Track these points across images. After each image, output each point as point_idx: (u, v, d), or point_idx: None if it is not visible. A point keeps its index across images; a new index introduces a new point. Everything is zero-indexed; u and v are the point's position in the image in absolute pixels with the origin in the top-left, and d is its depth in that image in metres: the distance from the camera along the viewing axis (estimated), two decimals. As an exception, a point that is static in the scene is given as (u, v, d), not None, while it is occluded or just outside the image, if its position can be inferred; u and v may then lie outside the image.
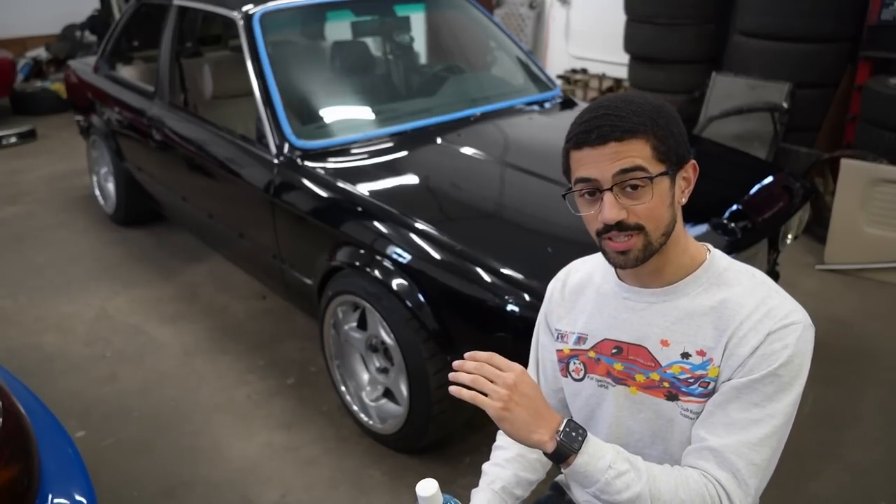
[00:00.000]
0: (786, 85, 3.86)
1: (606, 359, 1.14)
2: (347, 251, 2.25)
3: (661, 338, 1.08)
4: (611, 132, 0.99)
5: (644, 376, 1.09)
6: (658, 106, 1.03)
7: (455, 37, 3.70)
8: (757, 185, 2.47)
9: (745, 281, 1.07)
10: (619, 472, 0.97)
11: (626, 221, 1.01)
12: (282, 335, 3.05)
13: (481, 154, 2.57)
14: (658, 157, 1.00)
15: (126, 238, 4.05)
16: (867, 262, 3.37)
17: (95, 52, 4.92)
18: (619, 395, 1.12)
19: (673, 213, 1.04)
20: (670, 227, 1.04)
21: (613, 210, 1.00)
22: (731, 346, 1.02)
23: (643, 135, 0.99)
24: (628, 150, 0.99)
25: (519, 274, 1.89)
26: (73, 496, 1.48)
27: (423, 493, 0.96)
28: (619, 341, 1.12)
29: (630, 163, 0.99)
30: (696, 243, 1.11)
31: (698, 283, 1.07)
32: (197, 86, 3.54)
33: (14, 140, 5.83)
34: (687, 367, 1.05)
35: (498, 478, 1.26)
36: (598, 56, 5.75)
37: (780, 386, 0.99)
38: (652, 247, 1.03)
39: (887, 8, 3.59)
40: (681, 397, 1.05)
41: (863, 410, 2.49)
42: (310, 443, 2.42)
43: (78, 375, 2.81)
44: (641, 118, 0.99)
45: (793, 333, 1.00)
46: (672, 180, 1.03)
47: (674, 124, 1.03)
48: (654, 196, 1.00)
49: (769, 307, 1.02)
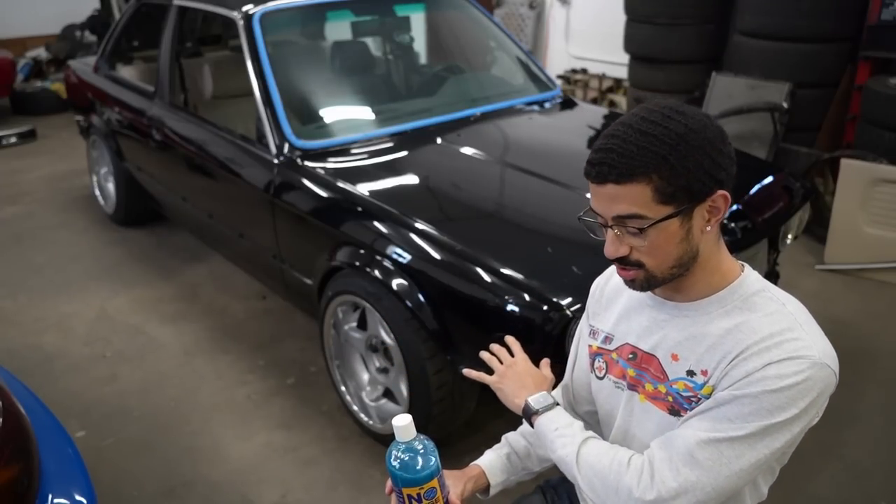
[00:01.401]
0: (786, 85, 3.86)
1: (623, 363, 1.14)
2: (347, 251, 2.25)
3: (672, 351, 1.06)
4: (608, 173, 0.95)
5: (653, 386, 1.09)
6: (679, 136, 0.93)
7: (455, 37, 3.70)
8: (757, 185, 2.47)
9: (770, 308, 1.01)
10: (562, 434, 1.11)
11: (627, 258, 1.00)
12: (282, 335, 3.05)
13: (481, 154, 2.56)
14: (662, 200, 0.94)
15: (126, 238, 4.05)
16: (867, 262, 3.37)
17: (95, 52, 4.92)
18: (631, 401, 1.13)
19: (688, 246, 0.99)
20: (685, 260, 1.00)
21: (612, 247, 1.00)
22: (728, 368, 0.98)
23: (643, 178, 0.93)
24: (626, 195, 0.94)
25: (519, 274, 1.88)
26: (73, 496, 1.48)
27: (399, 422, 1.04)
28: (636, 347, 1.12)
29: (626, 210, 0.95)
30: (730, 261, 1.06)
31: (722, 304, 1.03)
32: (197, 86, 3.55)
33: (14, 140, 5.83)
34: (690, 385, 1.03)
35: (508, 444, 1.35)
36: (598, 56, 5.75)
37: (758, 411, 0.93)
38: (657, 280, 1.02)
39: (887, 8, 3.59)
40: (682, 414, 1.04)
41: (863, 410, 2.49)
42: (309, 443, 2.42)
43: (78, 375, 2.81)
44: (646, 158, 0.93)
45: (794, 366, 0.93)
46: (685, 217, 0.96)
47: (693, 157, 0.93)
48: (657, 238, 0.97)
49: (783, 338, 0.95)
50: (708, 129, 0.95)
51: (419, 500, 1.05)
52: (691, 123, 0.94)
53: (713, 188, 0.96)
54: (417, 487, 1.04)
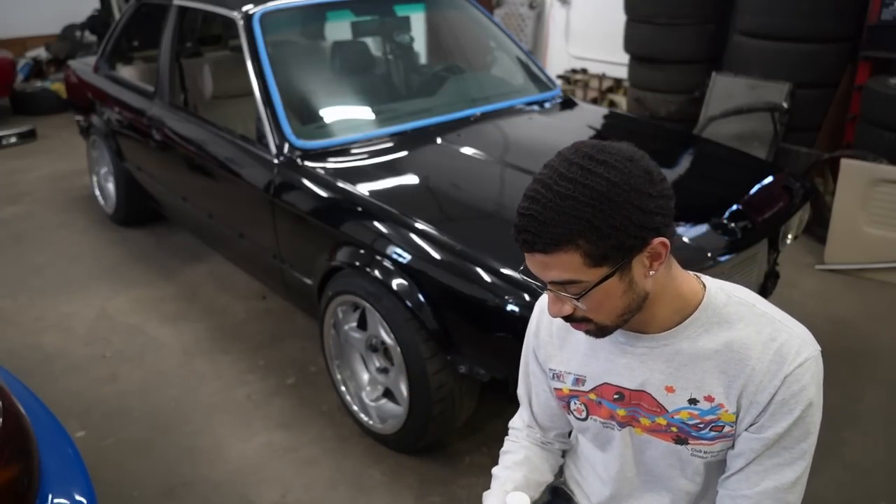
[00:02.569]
0: (786, 85, 3.85)
1: (609, 404, 1.10)
2: (347, 251, 2.25)
3: (665, 384, 1.04)
4: (534, 242, 0.90)
5: (650, 420, 1.07)
6: (601, 194, 0.87)
7: (455, 37, 3.70)
8: (757, 185, 2.47)
9: (747, 316, 1.01)
10: None
11: (573, 315, 0.98)
12: (282, 335, 3.05)
13: (481, 154, 2.56)
14: (594, 263, 0.90)
15: (126, 238, 4.05)
16: (867, 262, 3.37)
17: (95, 52, 4.92)
18: (626, 435, 1.12)
19: (634, 295, 0.95)
20: (633, 307, 0.97)
21: (554, 308, 0.97)
22: (748, 394, 0.99)
23: (569, 245, 0.88)
24: (555, 263, 0.91)
25: (519, 274, 1.88)
26: (73, 496, 1.48)
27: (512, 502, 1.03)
28: (621, 387, 1.08)
29: (558, 276, 0.92)
30: (689, 281, 1.03)
31: (698, 325, 1.01)
32: (197, 86, 3.54)
33: (14, 140, 5.83)
34: (696, 413, 1.03)
35: (509, 480, 1.25)
36: (598, 56, 5.74)
37: (807, 427, 1.00)
38: (609, 328, 1.00)
39: (887, 8, 3.58)
40: (691, 441, 1.04)
41: (863, 410, 2.49)
42: (309, 443, 2.42)
43: (78, 375, 2.81)
44: (569, 225, 0.87)
45: (808, 372, 0.98)
46: (623, 272, 0.92)
47: (619, 214, 0.87)
48: (597, 298, 0.94)
49: (778, 345, 0.98)
50: (632, 176, 0.88)
51: None
52: (613, 176, 0.87)
53: (648, 238, 0.91)
54: None
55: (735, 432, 1.03)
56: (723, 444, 1.04)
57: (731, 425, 1.02)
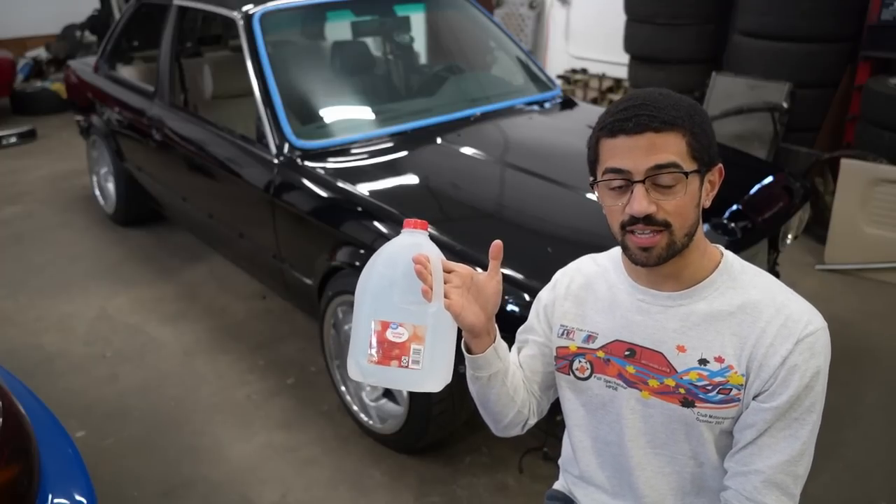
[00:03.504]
0: (786, 85, 3.85)
1: (618, 360, 1.11)
2: (347, 251, 2.25)
3: (677, 343, 1.06)
4: (649, 122, 0.96)
5: (658, 381, 1.07)
6: (693, 104, 1.02)
7: (455, 37, 3.70)
8: (757, 185, 2.47)
9: (760, 284, 1.06)
10: None
11: (654, 216, 0.98)
12: (282, 335, 3.05)
13: (481, 154, 2.56)
14: (692, 155, 0.99)
15: (126, 238, 4.05)
16: (867, 262, 3.37)
17: (95, 52, 4.92)
18: (630, 398, 1.11)
19: (697, 213, 1.03)
20: (694, 228, 1.02)
21: (643, 203, 0.97)
22: (758, 357, 1.01)
23: (681, 129, 0.97)
24: (665, 144, 0.97)
25: (519, 274, 1.88)
26: (73, 496, 1.48)
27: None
28: (633, 344, 1.10)
29: (666, 158, 0.97)
30: (710, 245, 1.10)
31: (715, 287, 1.06)
32: (197, 86, 3.55)
33: (14, 140, 5.83)
34: (705, 374, 1.04)
35: None
36: (598, 56, 5.74)
37: (815, 397, 1.01)
38: (675, 246, 1.01)
39: (887, 8, 3.59)
40: (697, 404, 1.04)
41: (863, 410, 2.49)
42: (310, 443, 2.42)
43: (78, 375, 2.81)
44: (680, 112, 0.98)
45: (818, 341, 1.01)
46: (702, 180, 1.02)
47: (707, 124, 1.01)
48: (684, 195, 0.99)
49: (790, 311, 1.02)
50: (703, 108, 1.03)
51: None
52: (692, 100, 1.03)
53: (716, 159, 1.03)
54: None
55: (742, 397, 1.03)
56: (728, 410, 1.04)
57: (739, 388, 1.03)
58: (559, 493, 1.33)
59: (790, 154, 3.94)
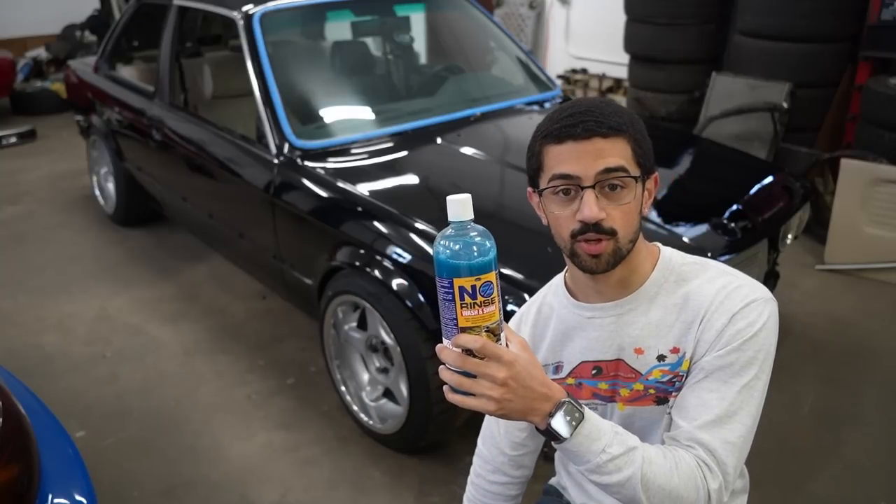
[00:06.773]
0: (786, 85, 3.85)
1: (588, 381, 1.12)
2: (347, 251, 2.25)
3: (634, 346, 1.06)
4: (597, 127, 0.97)
5: (628, 389, 1.08)
6: (632, 112, 1.04)
7: (455, 37, 3.70)
8: (757, 185, 2.47)
9: (701, 272, 1.08)
10: (612, 455, 0.92)
11: (602, 224, 0.99)
12: (282, 335, 3.05)
13: (481, 154, 2.57)
14: (637, 161, 1.00)
15: (126, 238, 4.05)
16: (867, 262, 3.37)
17: (95, 52, 4.92)
18: (612, 415, 1.11)
19: (639, 220, 1.04)
20: (636, 235, 1.03)
21: (594, 208, 0.97)
22: (698, 333, 1.02)
23: (625, 135, 0.99)
24: (613, 149, 0.98)
25: (519, 274, 1.89)
26: (73, 496, 1.48)
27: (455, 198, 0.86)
28: (597, 361, 1.10)
29: (615, 162, 0.98)
30: (648, 246, 1.11)
31: (659, 284, 1.07)
32: (197, 86, 3.55)
33: (14, 140, 5.83)
34: (666, 369, 1.04)
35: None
36: (598, 56, 5.75)
37: (747, 361, 0.99)
38: (620, 252, 1.01)
39: (887, 8, 3.59)
40: (671, 398, 1.05)
41: (863, 410, 2.49)
42: (309, 443, 2.42)
43: (78, 375, 2.81)
44: (623, 119, 0.99)
45: (755, 310, 1.01)
46: (642, 186, 1.03)
47: (646, 132, 1.04)
48: (630, 201, 1.00)
49: (729, 290, 1.03)
50: None
51: (473, 294, 0.84)
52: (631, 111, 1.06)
53: (653, 168, 1.06)
54: (472, 278, 0.83)
55: None
56: None
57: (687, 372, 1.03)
58: (553, 488, 1.37)
59: (790, 154, 3.94)
